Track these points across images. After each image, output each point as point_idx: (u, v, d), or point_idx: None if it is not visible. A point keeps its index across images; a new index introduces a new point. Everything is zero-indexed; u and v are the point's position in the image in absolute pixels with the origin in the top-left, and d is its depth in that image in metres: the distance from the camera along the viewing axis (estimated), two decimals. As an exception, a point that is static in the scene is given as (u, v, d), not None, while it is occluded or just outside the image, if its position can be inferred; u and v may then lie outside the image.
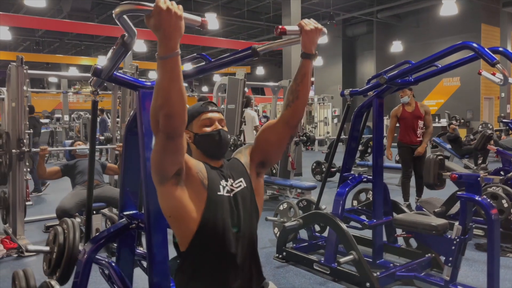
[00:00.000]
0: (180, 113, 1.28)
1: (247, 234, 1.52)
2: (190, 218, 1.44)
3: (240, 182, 1.55)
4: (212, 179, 1.50)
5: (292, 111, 1.56)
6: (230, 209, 1.49)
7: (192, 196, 1.45)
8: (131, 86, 1.94)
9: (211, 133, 1.56)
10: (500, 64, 2.38)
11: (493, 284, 2.64)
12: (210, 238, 1.45)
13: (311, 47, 1.50)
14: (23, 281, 2.01)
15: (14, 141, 4.12)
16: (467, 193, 2.78)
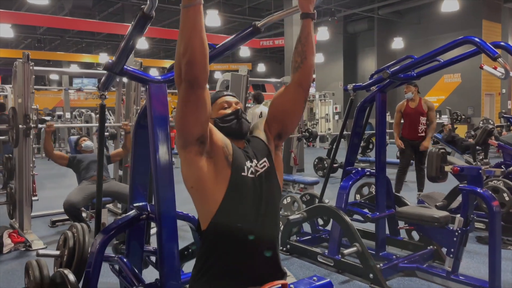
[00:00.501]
0: (202, 61, 1.31)
1: (269, 215, 1.53)
2: (213, 195, 1.45)
3: (264, 163, 1.56)
4: (237, 157, 1.50)
5: (302, 72, 1.58)
6: (254, 191, 1.49)
7: (216, 171, 1.46)
8: (141, 80, 1.98)
9: (230, 113, 1.60)
10: (501, 58, 2.42)
11: (494, 273, 2.69)
12: (232, 217, 1.47)
13: (308, 6, 1.54)
14: (36, 270, 2.06)
15: (21, 116, 4.15)
16: (469, 185, 2.82)
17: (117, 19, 16.72)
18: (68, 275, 1.94)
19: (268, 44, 17.24)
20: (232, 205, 1.46)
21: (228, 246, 1.48)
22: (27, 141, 4.22)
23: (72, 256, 2.38)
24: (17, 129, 4.12)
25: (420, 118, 5.35)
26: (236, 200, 1.47)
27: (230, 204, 1.46)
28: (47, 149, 4.25)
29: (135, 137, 2.26)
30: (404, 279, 3.13)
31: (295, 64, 1.60)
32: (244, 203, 1.48)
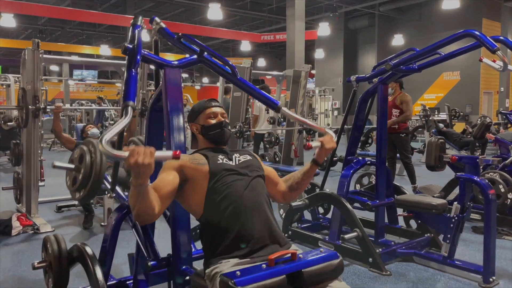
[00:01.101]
0: (147, 219, 1.60)
1: (256, 188, 1.74)
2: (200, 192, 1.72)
3: (246, 156, 1.85)
4: (211, 156, 1.77)
5: (292, 194, 1.99)
6: (235, 169, 1.75)
7: (196, 182, 1.73)
8: (158, 64, 2.08)
9: (215, 124, 1.87)
10: (500, 51, 2.53)
11: (489, 258, 2.81)
12: (219, 198, 1.68)
13: (323, 158, 1.91)
14: (55, 244, 2.16)
15: (30, 97, 4.24)
16: (466, 173, 2.94)
17: (119, 11, 16.75)
18: (86, 248, 2.04)
19: (269, 39, 17.30)
20: (215, 187, 1.69)
21: (224, 221, 1.66)
22: (35, 122, 4.31)
23: (88, 175, 2.31)
24: (27, 109, 4.21)
25: (393, 110, 5.46)
26: (217, 182, 1.70)
27: (214, 187, 1.70)
28: (56, 130, 4.35)
29: (149, 121, 2.35)
30: (402, 264, 3.25)
31: (291, 186, 1.96)
32: (225, 181, 1.70)
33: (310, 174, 1.93)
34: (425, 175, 7.19)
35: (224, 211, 1.66)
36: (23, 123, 4.30)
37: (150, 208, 1.55)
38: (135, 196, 1.50)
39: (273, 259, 1.49)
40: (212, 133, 1.87)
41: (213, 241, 1.67)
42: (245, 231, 1.64)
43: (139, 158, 1.37)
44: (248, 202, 1.68)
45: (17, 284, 2.92)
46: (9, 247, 3.71)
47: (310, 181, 2.02)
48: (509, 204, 3.92)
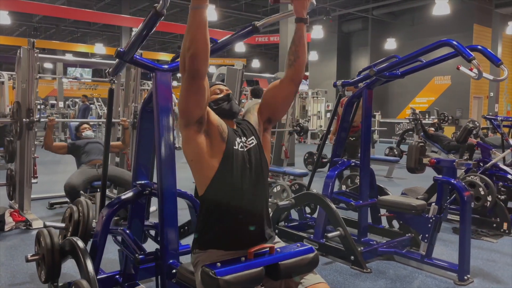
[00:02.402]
0: (203, 55, 1.53)
1: (259, 182, 1.77)
2: (209, 165, 1.69)
3: (252, 140, 1.81)
4: (229, 134, 1.75)
5: (295, 69, 1.81)
6: (244, 161, 1.74)
7: (212, 145, 1.70)
8: (149, 68, 2.19)
9: (222, 97, 1.86)
10: (475, 60, 2.67)
11: (464, 257, 2.95)
12: (225, 183, 1.70)
13: (302, 11, 1.75)
14: (47, 238, 2.25)
15: (24, 110, 4.33)
16: (443, 176, 3.08)
17: (114, 10, 16.79)
18: (77, 242, 2.15)
19: (263, 41, 17.42)
20: (225, 171, 1.70)
21: (222, 206, 1.71)
22: (29, 134, 4.43)
23: (76, 229, 2.59)
24: (21, 123, 4.32)
25: None
26: (229, 168, 1.70)
27: (224, 171, 1.70)
28: (47, 143, 4.39)
29: (140, 121, 2.46)
30: (383, 262, 3.38)
31: (288, 62, 1.82)
32: (236, 170, 1.71)
33: (300, 34, 1.78)
34: (412, 177, 7.36)
35: (224, 202, 1.70)
36: (17, 136, 4.41)
37: (207, 42, 1.52)
38: (195, 23, 1.48)
39: (252, 252, 1.60)
40: (220, 106, 1.83)
41: (206, 225, 1.73)
42: (237, 229, 1.70)
43: None
44: (248, 199, 1.72)
45: (10, 277, 3.01)
46: (2, 242, 3.79)
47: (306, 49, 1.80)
48: (489, 206, 4.07)
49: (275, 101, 1.89)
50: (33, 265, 3.14)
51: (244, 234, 1.71)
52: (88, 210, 2.60)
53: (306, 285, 1.64)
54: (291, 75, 1.83)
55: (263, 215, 1.78)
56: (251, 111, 1.95)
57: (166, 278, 2.04)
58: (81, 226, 2.56)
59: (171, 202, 2.10)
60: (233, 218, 1.71)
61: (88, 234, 2.53)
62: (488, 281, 3.04)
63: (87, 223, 2.55)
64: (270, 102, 1.90)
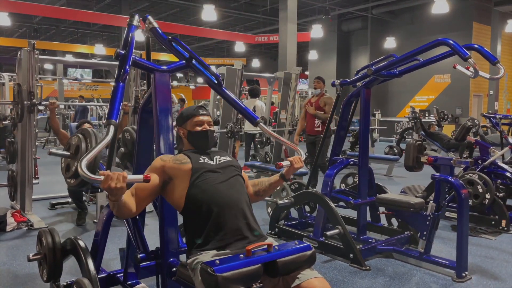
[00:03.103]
0: (126, 217, 1.93)
1: (234, 185, 1.89)
2: (182, 186, 1.86)
3: (226, 157, 2.01)
4: (194, 156, 1.92)
5: (257, 198, 2.17)
6: (214, 168, 1.90)
7: (181, 175, 1.88)
8: (148, 69, 2.21)
9: (201, 131, 2.03)
10: (471, 59, 2.69)
11: (461, 253, 2.97)
12: (200, 192, 1.82)
13: (290, 175, 2.12)
14: (49, 237, 2.28)
15: (26, 93, 4.35)
16: (441, 174, 3.10)
17: (113, 11, 16.82)
18: (79, 241, 2.17)
19: (263, 40, 17.44)
20: (198, 181, 1.85)
21: (203, 214, 1.81)
22: (30, 118, 4.43)
23: None
24: (22, 105, 4.32)
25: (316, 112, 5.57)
26: (200, 176, 1.86)
27: (196, 181, 1.85)
28: (53, 126, 4.43)
29: (139, 121, 2.49)
30: (382, 260, 3.41)
31: (258, 190, 2.16)
32: (207, 176, 1.86)
33: (276, 185, 2.14)
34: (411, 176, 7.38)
35: (203, 206, 1.80)
36: (19, 118, 4.41)
37: (127, 211, 1.78)
38: (112, 206, 1.74)
39: (250, 250, 1.63)
40: (197, 140, 2.03)
41: (194, 233, 1.81)
42: (221, 224, 1.78)
43: (112, 183, 1.55)
44: (226, 197, 1.82)
45: (12, 277, 3.04)
46: (4, 243, 3.83)
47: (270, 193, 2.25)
48: (487, 204, 4.09)
49: None
50: (35, 265, 3.17)
51: (230, 231, 1.78)
52: (96, 139, 2.54)
53: (302, 280, 1.67)
54: (252, 198, 2.12)
55: (245, 211, 1.87)
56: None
57: (166, 276, 2.06)
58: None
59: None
60: (214, 221, 1.79)
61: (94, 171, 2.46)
62: (486, 278, 3.06)
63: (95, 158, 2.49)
64: None
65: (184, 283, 1.90)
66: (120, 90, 1.92)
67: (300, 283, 1.66)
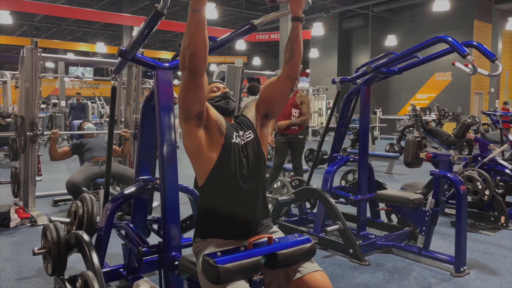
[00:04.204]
0: (202, 53, 1.60)
1: (256, 175, 1.85)
2: (208, 158, 1.77)
3: (249, 134, 1.89)
4: (228, 128, 1.83)
5: (291, 66, 1.87)
6: (242, 154, 1.82)
7: (211, 139, 1.78)
8: (150, 66, 2.25)
9: (219, 95, 1.95)
10: (470, 56, 2.72)
11: (460, 249, 3.01)
12: (224, 175, 1.78)
13: (298, 10, 1.82)
14: (54, 232, 2.32)
15: (28, 124, 4.41)
16: (440, 170, 3.13)
17: (115, 9, 16.85)
18: (83, 236, 2.21)
19: (263, 38, 17.47)
20: (224, 163, 1.78)
21: (221, 197, 1.79)
22: (33, 147, 4.51)
23: (81, 224, 2.66)
24: (25, 136, 4.40)
25: (293, 110, 4.97)
26: (227, 160, 1.78)
27: (222, 163, 1.78)
28: (52, 154, 4.42)
29: (142, 118, 2.53)
30: (381, 255, 3.44)
31: (285, 59, 1.90)
32: (233, 162, 1.79)
33: (296, 33, 1.85)
34: (412, 173, 7.42)
35: (222, 193, 1.78)
36: (21, 149, 4.50)
37: (206, 42, 1.60)
38: (194, 24, 1.56)
39: (251, 242, 1.67)
40: (218, 104, 1.90)
41: (206, 216, 1.80)
42: (234, 215, 1.78)
43: None
44: (245, 190, 1.79)
45: (16, 272, 3.08)
46: (8, 238, 3.87)
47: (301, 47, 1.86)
48: (486, 200, 4.12)
49: (272, 97, 1.96)
50: (39, 260, 3.22)
51: (241, 223, 1.79)
52: (92, 205, 2.67)
53: (303, 273, 1.70)
54: (287, 71, 1.89)
55: (259, 205, 1.86)
56: (249, 107, 2.02)
57: (168, 270, 2.10)
58: (86, 221, 2.63)
59: (173, 196, 2.16)
60: (230, 208, 1.78)
61: (92, 228, 2.61)
62: (485, 273, 3.10)
63: (92, 218, 2.63)
64: (267, 98, 1.98)
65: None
66: None
67: (302, 276, 1.69)
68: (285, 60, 1.90)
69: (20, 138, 4.51)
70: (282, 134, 5.05)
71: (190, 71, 1.64)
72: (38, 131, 4.46)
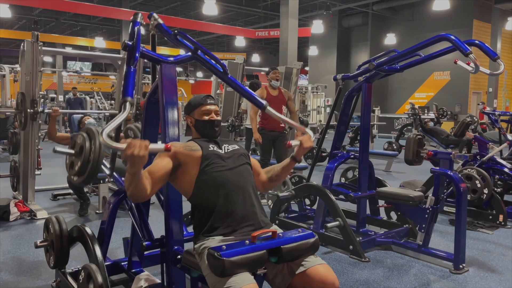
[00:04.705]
0: (140, 199, 1.82)
1: (242, 173, 1.93)
2: (191, 173, 1.89)
3: (234, 146, 2.03)
4: (203, 143, 1.95)
5: (270, 184, 2.18)
6: (222, 156, 1.93)
7: (190, 162, 1.90)
8: (155, 60, 2.25)
9: (208, 121, 2.05)
10: (472, 54, 2.73)
11: (459, 246, 3.03)
12: (209, 179, 1.86)
13: (301, 156, 2.10)
14: (56, 225, 2.33)
15: (29, 101, 4.39)
16: (440, 168, 3.15)
17: (114, 4, 16.78)
18: (85, 229, 2.22)
19: (263, 35, 17.44)
20: (207, 168, 1.88)
21: (211, 201, 1.84)
22: (33, 125, 4.50)
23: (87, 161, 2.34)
24: (26, 114, 4.37)
25: (283, 107, 4.86)
26: (209, 164, 1.88)
27: (205, 169, 1.88)
28: (51, 134, 4.41)
29: (145, 111, 2.52)
30: (381, 252, 3.46)
31: (270, 177, 2.16)
32: (217, 164, 1.89)
33: (288, 168, 2.13)
34: (410, 171, 7.45)
35: (211, 192, 1.84)
36: (22, 126, 4.47)
37: (142, 190, 1.77)
38: (130, 181, 1.72)
39: (255, 236, 1.68)
40: (204, 129, 2.04)
41: (202, 219, 1.85)
42: (229, 210, 1.82)
43: (135, 150, 1.59)
44: (234, 185, 1.86)
45: (17, 265, 3.09)
46: (7, 231, 3.87)
47: (284, 178, 2.24)
48: (485, 199, 4.15)
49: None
50: (39, 253, 3.23)
51: (237, 218, 1.82)
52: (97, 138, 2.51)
53: (307, 267, 1.71)
54: (267, 185, 2.18)
55: (252, 201, 1.90)
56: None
57: (171, 264, 2.11)
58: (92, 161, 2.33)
59: (176, 190, 2.16)
60: (223, 208, 1.83)
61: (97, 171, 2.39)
62: (483, 270, 3.12)
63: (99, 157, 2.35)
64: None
65: (189, 270, 1.95)
66: (132, 73, 1.99)
67: (305, 270, 1.71)
68: (270, 178, 2.16)
69: (21, 114, 4.48)
70: (271, 131, 4.93)
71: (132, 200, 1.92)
72: (38, 108, 4.43)
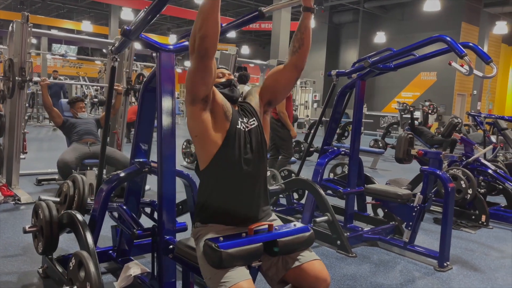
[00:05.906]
0: (213, 37, 1.58)
1: (258, 161, 1.84)
2: (212, 142, 1.76)
3: (253, 121, 1.89)
4: (233, 114, 1.83)
5: (299, 55, 1.89)
6: (245, 140, 1.82)
7: (216, 123, 1.77)
8: (153, 48, 2.21)
9: (224, 82, 1.94)
10: (467, 57, 2.77)
11: (444, 244, 3.09)
12: (227, 160, 1.77)
13: (310, 1, 1.85)
14: (46, 210, 2.29)
15: (17, 69, 4.27)
16: (429, 167, 3.20)
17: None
18: (76, 215, 2.19)
19: (254, 27, 17.37)
20: (228, 149, 1.77)
21: (222, 182, 1.79)
22: (21, 94, 4.36)
23: (70, 205, 2.62)
24: (14, 80, 4.25)
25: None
26: (231, 145, 1.78)
27: (226, 148, 1.77)
28: (46, 103, 4.36)
29: (141, 100, 2.50)
30: (367, 248, 3.51)
31: (293, 49, 1.90)
32: (237, 148, 1.79)
33: (306, 23, 1.87)
34: (395, 169, 7.56)
35: (224, 178, 1.78)
36: (9, 94, 4.35)
37: (218, 25, 1.57)
38: (208, 6, 1.52)
39: (252, 229, 1.68)
40: (222, 90, 1.89)
41: (207, 201, 1.80)
42: (235, 200, 1.78)
43: None
44: (247, 176, 1.80)
45: (2, 250, 3.03)
46: (-9, 216, 3.80)
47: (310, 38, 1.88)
48: (469, 199, 4.24)
49: (277, 85, 1.97)
50: (25, 238, 3.18)
51: (243, 209, 1.80)
52: (84, 186, 2.63)
53: (302, 262, 1.72)
54: (295, 61, 1.91)
55: (260, 193, 1.86)
56: (252, 94, 2.02)
57: (162, 254, 2.10)
58: (76, 202, 2.59)
59: (170, 180, 2.15)
60: (232, 194, 1.79)
61: (83, 209, 2.56)
62: (466, 269, 3.19)
63: (83, 199, 2.59)
64: (271, 86, 1.98)
65: (182, 260, 1.94)
66: None
67: (300, 265, 1.71)
68: (293, 50, 1.90)
69: (8, 82, 4.37)
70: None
71: (199, 54, 1.62)
72: (27, 77, 4.31)
